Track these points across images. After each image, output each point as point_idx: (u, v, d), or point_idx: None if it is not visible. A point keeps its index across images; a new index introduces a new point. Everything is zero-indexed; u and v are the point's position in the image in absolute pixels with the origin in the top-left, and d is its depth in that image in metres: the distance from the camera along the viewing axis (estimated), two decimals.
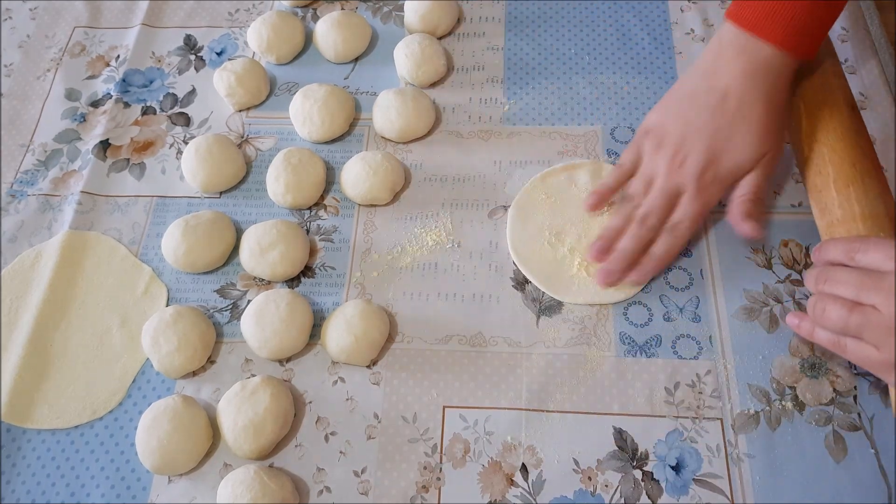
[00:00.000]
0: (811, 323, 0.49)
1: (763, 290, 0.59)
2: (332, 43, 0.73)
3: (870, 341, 0.46)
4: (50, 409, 0.58)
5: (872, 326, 0.45)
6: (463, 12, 0.77)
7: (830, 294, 0.48)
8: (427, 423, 0.55)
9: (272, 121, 0.72)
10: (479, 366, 0.57)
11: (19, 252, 0.65)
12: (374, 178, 0.63)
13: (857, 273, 0.47)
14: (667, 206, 0.58)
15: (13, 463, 0.56)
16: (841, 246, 0.49)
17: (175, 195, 0.68)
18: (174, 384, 0.58)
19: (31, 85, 0.77)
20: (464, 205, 0.65)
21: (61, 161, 0.71)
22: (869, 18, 0.72)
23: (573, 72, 0.72)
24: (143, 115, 0.73)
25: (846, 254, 0.48)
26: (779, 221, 0.61)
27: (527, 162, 0.67)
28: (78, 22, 0.81)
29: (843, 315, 0.46)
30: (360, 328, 0.56)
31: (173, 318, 0.58)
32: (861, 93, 0.68)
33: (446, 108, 0.71)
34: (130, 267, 0.64)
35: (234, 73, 0.71)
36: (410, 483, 0.53)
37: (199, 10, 0.81)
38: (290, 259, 0.61)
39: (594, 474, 0.52)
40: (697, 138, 0.57)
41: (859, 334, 0.46)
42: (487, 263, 0.62)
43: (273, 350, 0.57)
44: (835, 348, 0.48)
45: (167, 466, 0.53)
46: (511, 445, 0.54)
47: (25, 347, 0.60)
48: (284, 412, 0.54)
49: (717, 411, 0.54)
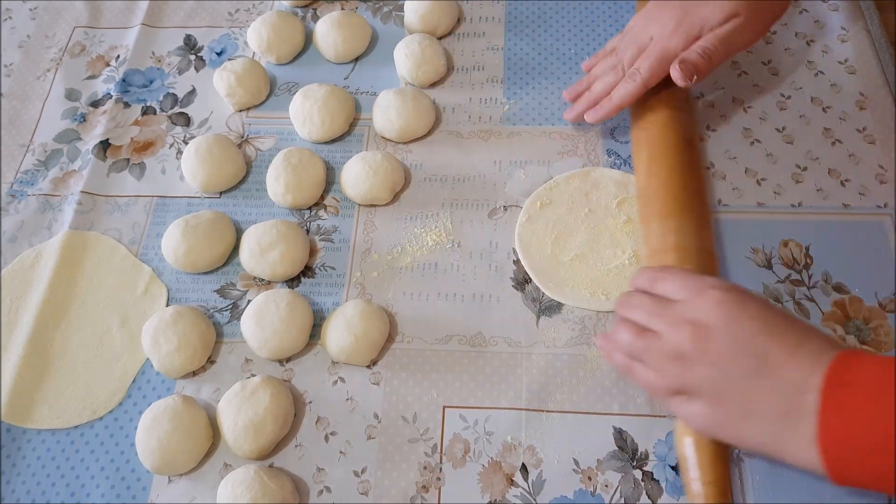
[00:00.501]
0: (611, 345, 0.51)
1: (763, 290, 0.59)
2: (332, 43, 0.73)
3: (651, 367, 0.47)
4: (50, 409, 0.58)
5: (653, 352, 0.47)
6: (463, 12, 0.77)
7: (626, 318, 0.50)
8: (427, 423, 0.55)
9: (272, 121, 0.72)
10: (479, 366, 0.57)
11: (19, 252, 0.65)
12: (374, 178, 0.63)
13: (651, 300, 0.49)
14: (637, 55, 0.61)
15: (13, 463, 0.56)
16: (646, 274, 0.52)
17: (175, 195, 0.68)
18: (174, 384, 0.58)
19: (32, 85, 0.77)
20: (464, 205, 0.65)
21: (61, 161, 0.71)
22: (869, 18, 0.72)
23: (573, 71, 0.72)
24: (143, 115, 0.73)
25: (649, 282, 0.51)
26: (779, 221, 0.61)
27: (527, 162, 0.67)
28: (78, 22, 0.81)
29: (629, 339, 0.49)
30: (360, 328, 0.56)
31: (173, 318, 0.58)
32: (861, 92, 0.68)
33: (446, 108, 0.71)
34: (130, 267, 0.64)
35: (234, 73, 0.71)
36: (410, 483, 0.53)
37: (199, 10, 0.81)
38: (290, 259, 0.61)
39: (594, 474, 0.52)
40: (672, 5, 0.60)
41: (642, 359, 0.48)
42: (487, 263, 0.62)
43: (273, 350, 0.57)
44: (625, 372, 0.51)
45: (167, 466, 0.53)
46: (511, 445, 0.54)
47: (25, 347, 0.60)
48: (284, 412, 0.54)
49: None
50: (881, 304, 0.57)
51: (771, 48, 0.72)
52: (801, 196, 0.63)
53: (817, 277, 0.59)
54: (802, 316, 0.57)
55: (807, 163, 0.65)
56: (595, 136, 0.68)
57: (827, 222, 0.61)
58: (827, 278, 0.59)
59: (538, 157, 0.67)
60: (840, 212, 0.62)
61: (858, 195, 0.62)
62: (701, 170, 0.61)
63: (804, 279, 0.59)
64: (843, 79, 0.69)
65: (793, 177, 0.64)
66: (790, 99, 0.68)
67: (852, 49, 0.71)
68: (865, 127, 0.66)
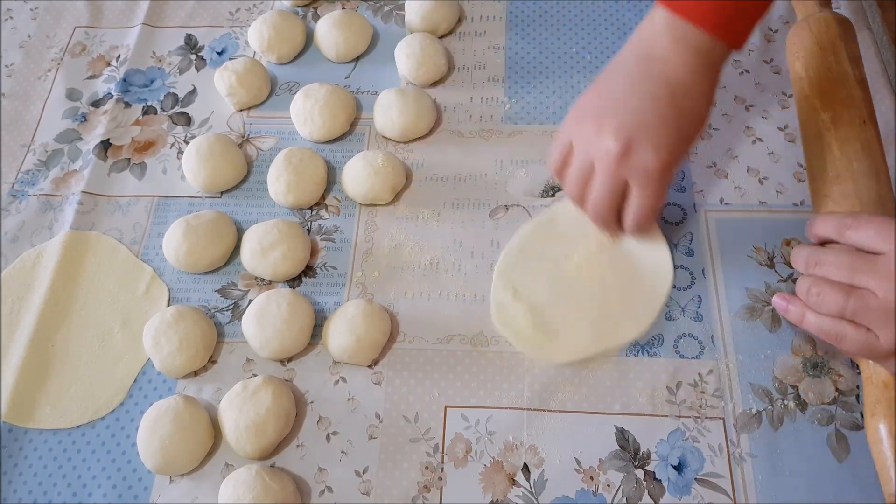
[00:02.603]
0: (801, 307, 0.48)
1: (765, 289, 0.58)
2: (333, 42, 0.73)
3: (869, 326, 0.45)
4: (52, 409, 0.58)
5: (870, 311, 0.44)
6: (464, 11, 0.77)
7: (824, 277, 0.47)
8: (428, 422, 0.55)
9: (273, 120, 0.72)
10: (480, 365, 0.57)
11: (20, 252, 0.65)
12: (375, 177, 0.63)
13: (850, 255, 0.46)
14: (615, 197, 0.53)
15: (15, 463, 0.56)
16: (832, 222, 0.48)
17: (176, 195, 0.68)
18: (175, 384, 0.58)
19: (32, 85, 0.77)
20: (465, 204, 0.65)
21: (62, 161, 0.71)
22: (870, 17, 0.72)
23: (574, 71, 0.72)
24: (143, 114, 0.73)
25: (837, 230, 0.47)
26: (780, 220, 0.61)
27: (528, 161, 0.67)
28: (79, 22, 0.81)
29: (839, 300, 0.45)
30: (362, 328, 0.56)
31: (174, 319, 0.58)
32: None
33: (447, 108, 0.71)
34: (132, 267, 0.64)
35: (234, 72, 0.71)
36: (412, 483, 0.53)
37: (199, 10, 0.81)
38: (292, 259, 0.61)
39: (596, 474, 0.52)
40: (642, 127, 0.50)
41: (856, 319, 0.45)
42: (489, 263, 0.62)
43: (274, 350, 0.57)
44: (829, 337, 0.47)
45: (169, 466, 0.53)
46: (513, 445, 0.54)
47: (27, 348, 0.60)
48: (286, 412, 0.54)
49: (719, 411, 0.54)
50: None
51: (772, 46, 0.72)
52: (803, 195, 0.63)
53: None
54: None
55: None
56: None
57: None
58: None
59: (539, 157, 0.67)
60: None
61: None
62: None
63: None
64: None
65: (795, 175, 0.64)
66: (792, 97, 0.68)
67: None
68: None
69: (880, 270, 0.44)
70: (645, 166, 0.50)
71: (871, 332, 0.45)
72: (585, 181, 0.53)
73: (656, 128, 0.50)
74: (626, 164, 0.50)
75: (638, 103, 0.50)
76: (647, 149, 0.49)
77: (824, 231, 0.49)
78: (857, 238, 0.47)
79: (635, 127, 0.50)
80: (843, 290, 0.45)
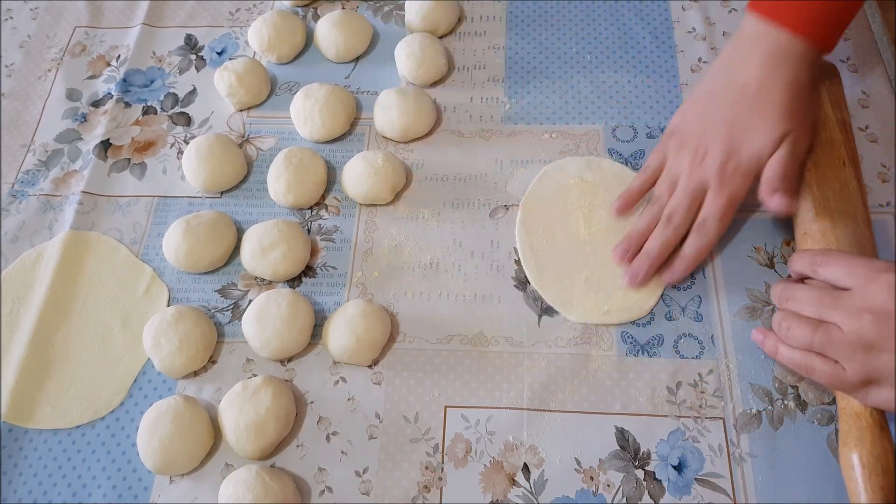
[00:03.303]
0: (775, 340, 0.51)
1: (765, 289, 0.58)
2: (333, 42, 0.73)
3: (837, 359, 0.47)
4: (52, 409, 0.58)
5: (837, 344, 0.47)
6: (464, 11, 0.77)
7: (795, 312, 0.50)
8: (428, 422, 0.55)
9: (273, 120, 0.72)
10: (480, 365, 0.57)
11: (20, 252, 0.65)
12: (375, 177, 0.63)
13: (819, 291, 0.49)
14: (692, 205, 0.57)
15: (15, 463, 0.56)
16: (807, 258, 0.51)
17: (176, 195, 0.68)
18: (175, 384, 0.58)
19: (32, 85, 0.77)
20: (465, 204, 0.65)
21: (62, 161, 0.71)
22: (871, 17, 0.72)
23: (574, 71, 0.72)
24: (143, 114, 0.73)
25: (810, 266, 0.50)
26: (780, 220, 0.61)
27: (528, 161, 0.67)
28: (79, 22, 0.81)
29: (807, 334, 0.48)
30: (362, 328, 0.56)
31: (174, 319, 0.58)
32: (863, 91, 0.68)
33: (447, 108, 0.71)
34: (132, 267, 0.64)
35: (234, 72, 0.71)
36: (412, 483, 0.53)
37: (199, 10, 0.81)
38: (292, 259, 0.61)
39: (596, 474, 0.52)
40: (717, 132, 0.56)
41: (824, 352, 0.48)
42: (489, 263, 0.62)
43: (274, 350, 0.57)
44: (800, 369, 0.50)
45: (169, 467, 0.53)
46: (513, 445, 0.54)
47: (27, 348, 0.60)
48: (286, 412, 0.54)
49: (719, 411, 0.54)
50: None
51: None
52: None
53: None
54: None
55: None
56: (597, 135, 0.67)
57: None
58: None
59: (539, 157, 0.67)
60: None
61: None
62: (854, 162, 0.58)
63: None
64: (845, 77, 0.69)
65: None
66: None
67: (854, 47, 0.71)
68: (867, 126, 0.66)
69: (846, 306, 0.47)
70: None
71: (839, 364, 0.47)
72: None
73: (721, 128, 0.56)
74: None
75: None
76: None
77: (799, 267, 0.52)
78: (826, 274, 0.49)
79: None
80: (812, 324, 0.48)
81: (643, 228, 0.58)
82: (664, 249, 0.57)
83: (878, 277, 0.46)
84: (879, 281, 0.46)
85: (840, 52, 0.70)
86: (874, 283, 0.46)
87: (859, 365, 0.46)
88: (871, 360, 0.46)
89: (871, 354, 0.45)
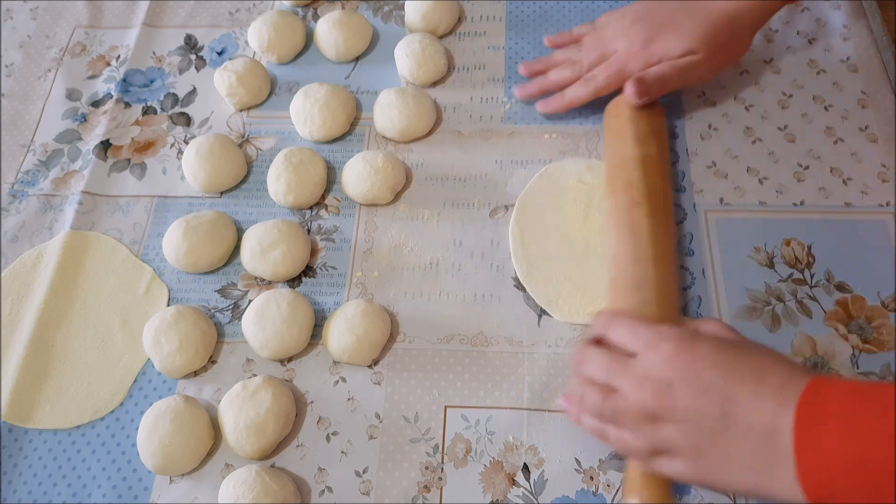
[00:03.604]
0: (578, 408, 0.48)
1: (765, 289, 0.58)
2: (333, 42, 0.73)
3: (625, 428, 0.45)
4: (52, 409, 0.58)
5: (622, 413, 0.45)
6: (464, 11, 0.77)
7: (588, 377, 0.48)
8: (428, 422, 0.55)
9: (273, 120, 0.72)
10: (480, 365, 0.57)
11: (20, 252, 0.65)
12: (375, 177, 0.63)
13: (607, 356, 0.47)
14: (594, 63, 0.65)
15: (15, 463, 0.56)
16: (600, 320, 0.49)
17: (176, 195, 0.68)
18: (175, 384, 0.58)
19: (32, 85, 0.77)
20: (465, 204, 0.65)
21: (62, 161, 0.71)
22: (870, 16, 0.72)
23: None
24: (143, 114, 0.73)
25: (602, 329, 0.49)
26: (781, 220, 0.61)
27: (528, 161, 0.67)
28: (79, 22, 0.81)
29: (596, 402, 0.46)
30: (362, 328, 0.56)
31: (174, 319, 0.58)
32: (863, 91, 0.68)
33: (447, 108, 0.71)
34: (131, 267, 0.64)
35: (234, 72, 0.71)
36: (412, 483, 0.53)
37: (199, 10, 0.81)
38: (292, 259, 0.61)
39: (596, 474, 0.52)
40: (645, 20, 0.64)
41: (614, 421, 0.45)
42: (489, 263, 0.62)
43: (274, 350, 0.57)
44: (597, 436, 0.48)
45: (168, 467, 0.53)
46: (513, 445, 0.54)
47: (27, 348, 0.60)
48: (286, 412, 0.54)
49: None
50: (883, 304, 0.57)
51: (773, 46, 0.72)
52: (802, 195, 0.63)
53: (819, 276, 0.59)
54: (804, 315, 0.57)
55: (808, 161, 0.65)
56: (597, 135, 0.67)
57: (829, 221, 0.61)
58: (829, 277, 0.59)
59: (539, 157, 0.67)
60: (842, 210, 0.62)
61: (860, 194, 0.62)
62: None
63: (806, 278, 0.59)
64: (845, 77, 0.69)
65: (794, 175, 0.64)
66: (792, 97, 0.68)
67: (854, 47, 0.71)
68: (867, 125, 0.66)
69: (631, 373, 0.45)
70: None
71: (629, 432, 0.45)
72: None
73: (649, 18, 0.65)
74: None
75: None
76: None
77: (595, 328, 0.50)
78: (614, 338, 0.47)
79: None
80: (602, 391, 0.46)
81: (554, 61, 0.69)
82: (559, 84, 0.67)
83: (657, 345, 0.44)
84: (659, 349, 0.44)
85: (840, 52, 0.70)
86: (654, 351, 0.44)
87: (645, 435, 0.44)
88: (656, 431, 0.43)
89: (657, 425, 0.43)
